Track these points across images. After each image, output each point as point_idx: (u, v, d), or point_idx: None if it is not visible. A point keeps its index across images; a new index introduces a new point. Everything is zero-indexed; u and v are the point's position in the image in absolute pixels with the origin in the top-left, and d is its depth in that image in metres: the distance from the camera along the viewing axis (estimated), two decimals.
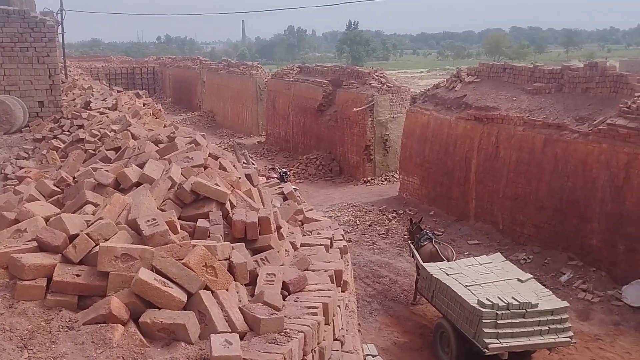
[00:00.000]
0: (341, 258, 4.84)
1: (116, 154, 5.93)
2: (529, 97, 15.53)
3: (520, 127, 15.03)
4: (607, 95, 13.72)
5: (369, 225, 17.42)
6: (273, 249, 4.03)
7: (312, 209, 6.07)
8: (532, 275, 10.31)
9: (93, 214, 3.83)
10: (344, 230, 16.52)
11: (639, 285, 11.64)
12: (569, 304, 9.56)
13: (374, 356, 6.24)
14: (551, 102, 14.74)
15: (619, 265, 12.40)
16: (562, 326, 9.08)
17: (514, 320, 8.87)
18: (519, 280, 9.89)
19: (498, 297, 9.08)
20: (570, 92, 14.72)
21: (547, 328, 8.99)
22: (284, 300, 3.41)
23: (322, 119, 25.81)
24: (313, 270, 4.06)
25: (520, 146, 14.97)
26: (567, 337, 9.08)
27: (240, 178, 5.16)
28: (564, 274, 13.01)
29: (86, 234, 3.33)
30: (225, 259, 3.47)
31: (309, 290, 3.65)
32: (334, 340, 3.51)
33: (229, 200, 4.30)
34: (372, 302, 12.22)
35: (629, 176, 12.16)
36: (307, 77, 27.86)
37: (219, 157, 5.49)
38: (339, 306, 3.72)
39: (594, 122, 13.17)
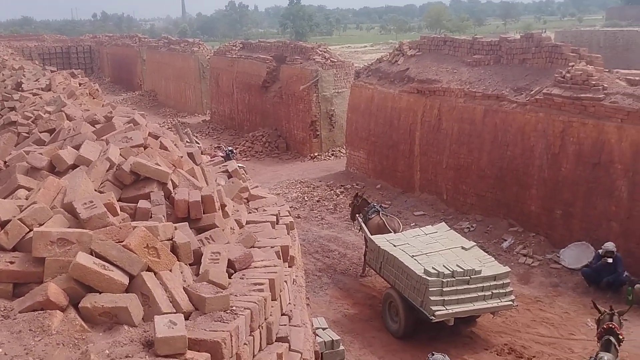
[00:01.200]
0: (288, 234, 4.83)
1: (50, 136, 5.70)
2: (469, 69, 15.82)
3: (461, 99, 15.33)
4: (543, 65, 14.13)
5: (317, 201, 17.51)
6: (218, 227, 3.98)
7: (257, 186, 6.03)
8: (475, 243, 10.63)
9: (26, 199, 3.68)
10: (292, 206, 16.61)
11: (576, 248, 12.19)
12: (510, 269, 9.93)
13: (324, 329, 6.32)
14: (490, 74, 15.07)
15: (557, 229, 12.94)
16: (504, 290, 9.43)
17: (458, 287, 9.15)
18: (463, 248, 10.18)
19: (443, 266, 9.33)
20: (508, 64, 15.08)
21: (490, 293, 9.32)
22: (229, 278, 3.38)
23: (267, 95, 25.58)
24: (259, 247, 4.04)
25: (461, 117, 15.29)
26: (509, 300, 9.45)
27: (182, 157, 5.05)
28: (506, 240, 13.48)
29: (19, 219, 3.19)
30: (168, 240, 3.41)
31: (255, 267, 3.64)
32: (282, 315, 3.52)
33: (171, 179, 4.21)
34: (322, 276, 12.35)
35: (565, 143, 12.63)
36: (250, 54, 27.46)
37: (159, 137, 5.35)
38: (285, 281, 3.72)
39: (531, 92, 13.56)
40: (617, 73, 13.44)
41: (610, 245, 10.93)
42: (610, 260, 10.82)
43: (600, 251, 11.10)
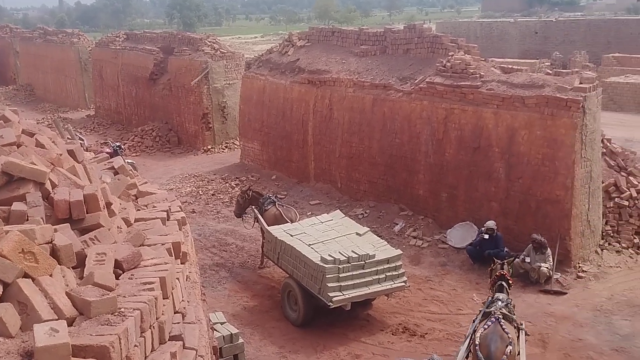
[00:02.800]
0: (180, 229, 4.72)
1: None
2: (357, 59, 16.20)
3: (350, 88, 15.67)
4: (426, 55, 14.77)
5: (213, 195, 17.24)
6: (103, 227, 3.80)
7: (146, 182, 5.82)
8: (369, 229, 10.94)
9: None
10: (186, 201, 16.24)
11: (461, 228, 12.92)
12: (402, 252, 10.33)
13: (222, 323, 6.25)
14: (377, 64, 15.53)
15: (443, 211, 13.64)
16: (397, 272, 9.80)
17: (354, 272, 9.38)
18: (357, 234, 10.45)
19: (339, 252, 9.53)
20: (393, 54, 15.61)
21: (384, 276, 9.65)
22: (117, 279, 3.25)
23: (156, 88, 24.74)
24: (149, 245, 3.91)
25: (351, 107, 15.65)
26: (402, 282, 9.84)
27: (61, 155, 4.76)
28: (397, 224, 14.01)
29: None
30: (47, 243, 3.20)
31: (145, 266, 3.52)
32: (175, 313, 3.44)
33: (49, 179, 3.95)
34: (220, 271, 12.20)
35: (447, 129, 13.31)
36: (135, 45, 26.38)
37: (35, 134, 4.99)
38: (178, 279, 3.63)
39: (415, 81, 14.14)
40: (492, 62, 14.35)
41: (491, 224, 11.70)
42: (486, 236, 11.57)
43: (482, 229, 11.84)
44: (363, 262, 9.48)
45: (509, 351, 6.98)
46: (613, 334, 9.38)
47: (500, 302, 7.75)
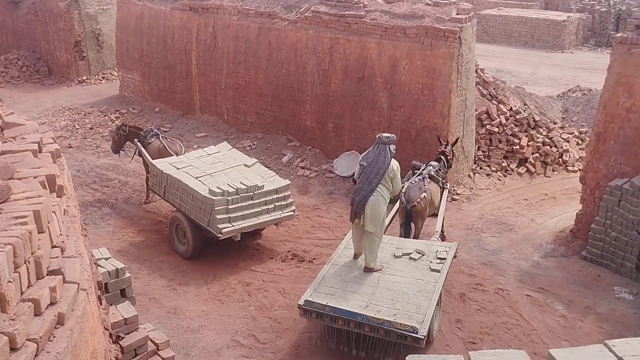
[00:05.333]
0: (54, 162, 4.44)
1: None
2: None
3: (235, 16, 15.17)
4: None
5: (91, 129, 16.30)
6: None
7: (13, 113, 5.36)
8: (257, 160, 10.93)
9: None
10: (61, 136, 15.26)
11: (346, 157, 13.28)
12: (290, 182, 10.47)
13: (107, 259, 6.08)
14: None
15: (329, 141, 13.91)
16: (285, 202, 9.96)
17: (243, 204, 9.41)
18: (245, 165, 10.41)
19: (227, 184, 9.48)
20: None
21: (273, 206, 9.77)
22: None
23: (19, 12, 22.47)
24: (19, 179, 3.64)
25: (236, 36, 15.21)
26: (290, 211, 10.03)
27: None
28: (285, 155, 14.13)
29: None
30: None
31: (16, 200, 3.29)
32: (53, 247, 3.27)
33: None
34: (103, 207, 11.74)
35: (333, 60, 13.39)
36: None
37: None
38: (54, 212, 3.44)
39: (301, 10, 13.95)
40: None
41: None
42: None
43: None
44: (252, 193, 9.51)
45: (423, 196, 9.15)
46: (482, 250, 10.28)
47: (431, 167, 9.89)
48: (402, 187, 8.92)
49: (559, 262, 9.87)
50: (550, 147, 13.47)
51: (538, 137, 13.51)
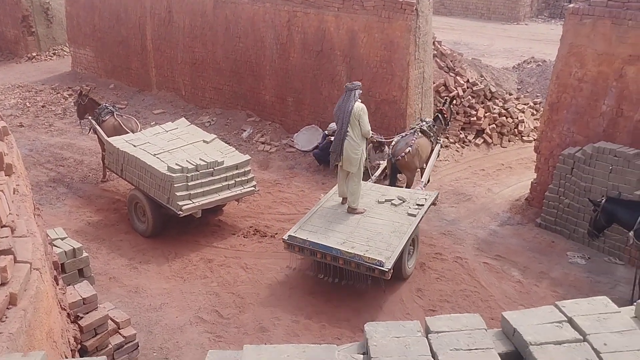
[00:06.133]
0: (1, 140, 4.30)
1: None
2: None
3: None
4: None
5: (43, 107, 15.81)
6: None
7: None
8: (216, 136, 10.81)
9: None
10: (11, 114, 14.76)
11: (307, 132, 13.27)
12: (251, 157, 10.39)
13: (62, 239, 5.95)
14: None
15: (289, 116, 13.85)
16: (246, 178, 9.90)
17: (203, 180, 9.31)
18: (204, 141, 10.28)
19: (187, 161, 9.36)
20: None
21: (234, 182, 9.71)
22: None
23: None
24: None
25: (192, 10, 14.88)
26: (251, 186, 9.98)
27: None
28: (245, 130, 14.02)
29: None
30: None
31: None
32: (2, 227, 3.19)
33: None
34: (58, 187, 11.45)
35: (291, 33, 13.26)
36: None
37: None
38: (2, 191, 3.34)
39: None
40: None
41: (334, 126, 12.06)
42: (332, 138, 12.01)
43: (326, 132, 12.26)
44: (212, 170, 9.41)
45: (407, 150, 9.87)
46: (441, 220, 10.47)
47: (424, 123, 10.59)
48: (392, 141, 10.26)
49: (515, 230, 10.14)
50: (506, 118, 13.73)
51: (494, 109, 13.74)
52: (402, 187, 10.21)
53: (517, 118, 13.86)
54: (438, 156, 11.16)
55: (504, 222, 10.39)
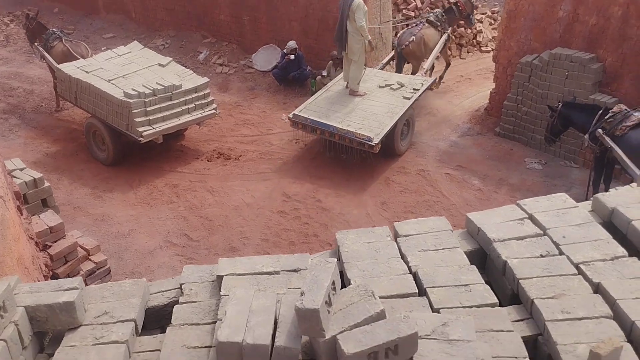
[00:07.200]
0: None
1: None
2: None
3: None
4: None
5: None
6: None
7: None
8: (172, 59, 10.48)
9: None
10: None
11: (265, 51, 12.97)
12: (209, 80, 10.15)
13: (21, 169, 5.80)
14: None
15: (246, 36, 13.46)
16: (206, 101, 9.72)
17: (162, 105, 9.11)
18: (160, 65, 9.98)
19: (143, 86, 9.10)
20: None
21: (193, 105, 9.52)
22: None
23: None
24: None
25: None
26: (212, 109, 9.82)
27: None
28: (201, 52, 13.61)
29: None
30: None
31: None
32: None
33: None
34: (10, 118, 11.05)
35: None
36: None
37: None
38: None
39: None
40: None
41: (292, 44, 11.87)
42: (292, 57, 11.82)
43: (284, 51, 12.01)
44: (170, 93, 9.20)
45: (411, 39, 10.67)
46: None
47: (432, 14, 11.19)
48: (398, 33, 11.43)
49: (475, 140, 10.35)
50: (465, 29, 13.64)
51: None
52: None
53: (475, 29, 13.79)
54: (445, 46, 11.51)
55: (464, 133, 10.57)
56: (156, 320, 3.09)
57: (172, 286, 3.21)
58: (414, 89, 9.77)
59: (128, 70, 9.70)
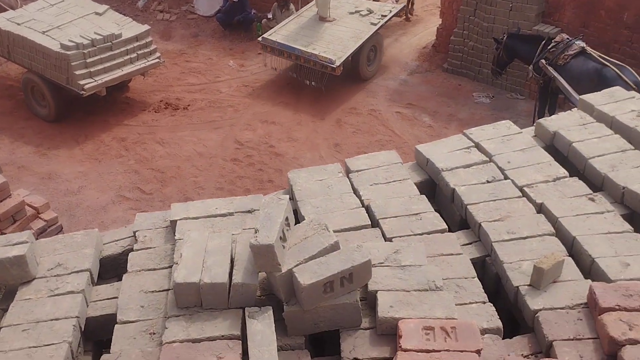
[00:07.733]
0: None
1: None
2: None
3: None
4: None
5: None
6: None
7: None
8: (108, 7, 10.03)
9: None
10: None
11: None
12: (150, 27, 9.79)
13: None
14: None
15: None
16: (149, 49, 9.40)
17: (102, 55, 8.78)
18: (96, 13, 9.56)
19: (80, 36, 8.73)
20: None
21: (136, 55, 9.20)
22: None
23: None
24: None
25: None
26: (155, 58, 9.51)
27: None
28: None
29: None
30: None
31: None
32: None
33: None
34: None
35: None
36: None
37: None
38: None
39: None
40: None
41: None
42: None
43: None
44: (110, 43, 8.86)
45: None
46: None
47: None
48: None
49: (424, 77, 10.41)
50: None
51: None
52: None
53: None
54: None
55: (413, 71, 10.60)
56: (112, 269, 3.08)
57: (126, 235, 3.18)
58: (382, 15, 10.13)
59: (63, 20, 9.24)
